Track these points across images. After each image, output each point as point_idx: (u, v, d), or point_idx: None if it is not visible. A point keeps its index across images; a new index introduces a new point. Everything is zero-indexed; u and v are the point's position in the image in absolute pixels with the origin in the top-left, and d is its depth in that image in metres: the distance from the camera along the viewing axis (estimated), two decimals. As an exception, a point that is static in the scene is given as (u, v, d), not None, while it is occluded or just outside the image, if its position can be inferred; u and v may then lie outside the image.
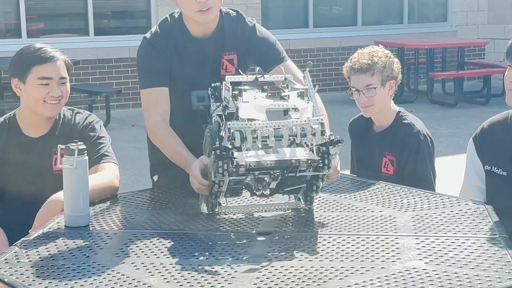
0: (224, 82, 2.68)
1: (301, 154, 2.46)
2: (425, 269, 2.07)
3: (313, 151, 2.46)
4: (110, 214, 2.70)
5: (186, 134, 2.93)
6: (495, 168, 2.92)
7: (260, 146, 2.44)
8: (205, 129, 2.70)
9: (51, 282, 2.04)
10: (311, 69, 2.65)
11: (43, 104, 2.96)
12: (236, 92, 2.58)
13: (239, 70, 2.91)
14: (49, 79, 2.95)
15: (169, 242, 2.36)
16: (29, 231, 2.62)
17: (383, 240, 2.32)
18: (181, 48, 3.06)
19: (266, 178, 2.46)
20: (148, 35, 3.09)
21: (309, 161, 2.45)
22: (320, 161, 2.45)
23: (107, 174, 2.90)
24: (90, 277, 2.07)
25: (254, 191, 2.53)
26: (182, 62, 3.06)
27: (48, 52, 2.97)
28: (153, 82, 3.02)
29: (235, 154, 2.40)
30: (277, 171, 2.46)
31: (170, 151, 2.94)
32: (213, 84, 2.74)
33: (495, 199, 2.89)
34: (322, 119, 2.47)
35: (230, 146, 2.39)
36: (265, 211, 2.63)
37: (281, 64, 3.09)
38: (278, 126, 2.44)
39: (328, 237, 2.37)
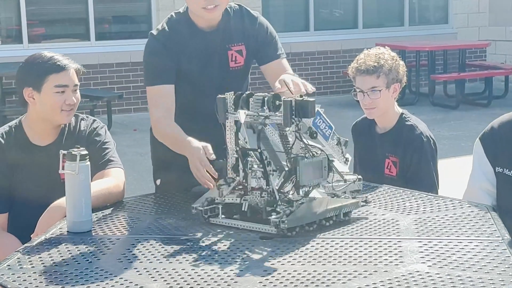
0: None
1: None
2: (428, 273, 2.06)
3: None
4: (112, 219, 2.70)
5: (191, 133, 2.92)
6: (508, 170, 2.86)
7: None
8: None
9: (54, 288, 2.04)
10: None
11: (60, 112, 2.97)
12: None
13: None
14: (65, 86, 2.96)
15: (171, 247, 2.36)
16: (31, 236, 2.63)
17: (386, 244, 2.32)
18: (188, 43, 3.06)
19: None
20: (154, 32, 3.09)
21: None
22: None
23: (113, 179, 2.91)
24: (93, 282, 2.07)
25: None
26: (189, 58, 3.05)
27: (61, 60, 2.98)
28: (158, 80, 3.03)
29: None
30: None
31: (171, 139, 2.94)
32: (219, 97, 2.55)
33: (507, 202, 2.83)
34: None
35: None
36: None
37: (276, 61, 3.12)
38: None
39: (331, 241, 2.37)
